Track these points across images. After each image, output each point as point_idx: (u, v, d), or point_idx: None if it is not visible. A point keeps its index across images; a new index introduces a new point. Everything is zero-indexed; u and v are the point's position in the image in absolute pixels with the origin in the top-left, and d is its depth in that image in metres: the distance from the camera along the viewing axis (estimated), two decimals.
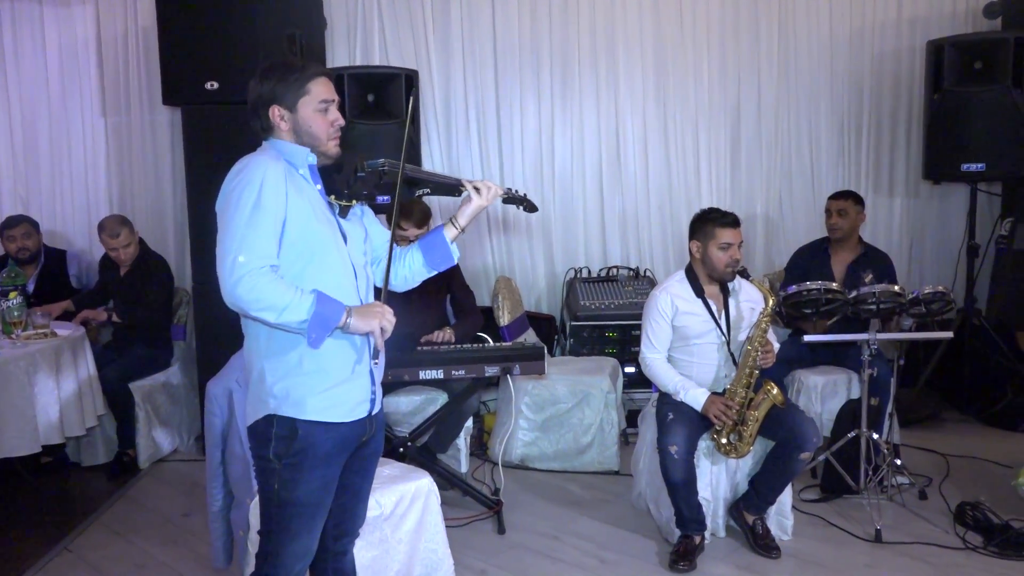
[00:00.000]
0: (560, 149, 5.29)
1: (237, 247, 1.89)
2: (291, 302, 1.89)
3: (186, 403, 4.69)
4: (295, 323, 1.91)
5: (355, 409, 2.10)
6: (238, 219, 1.92)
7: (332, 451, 2.07)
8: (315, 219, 2.03)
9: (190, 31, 4.26)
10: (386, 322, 1.99)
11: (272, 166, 1.98)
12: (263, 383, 2.04)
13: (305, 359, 2.01)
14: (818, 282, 3.75)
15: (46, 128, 5.19)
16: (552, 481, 4.16)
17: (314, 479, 2.06)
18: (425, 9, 5.11)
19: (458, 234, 2.31)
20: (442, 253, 2.30)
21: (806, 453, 3.20)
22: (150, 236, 5.16)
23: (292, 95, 2.05)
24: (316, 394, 2.03)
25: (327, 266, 2.04)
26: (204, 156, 4.32)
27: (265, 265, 1.90)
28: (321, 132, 2.08)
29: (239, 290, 1.88)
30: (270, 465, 2.05)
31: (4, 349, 3.51)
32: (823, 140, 5.29)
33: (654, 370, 3.39)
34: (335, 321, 1.94)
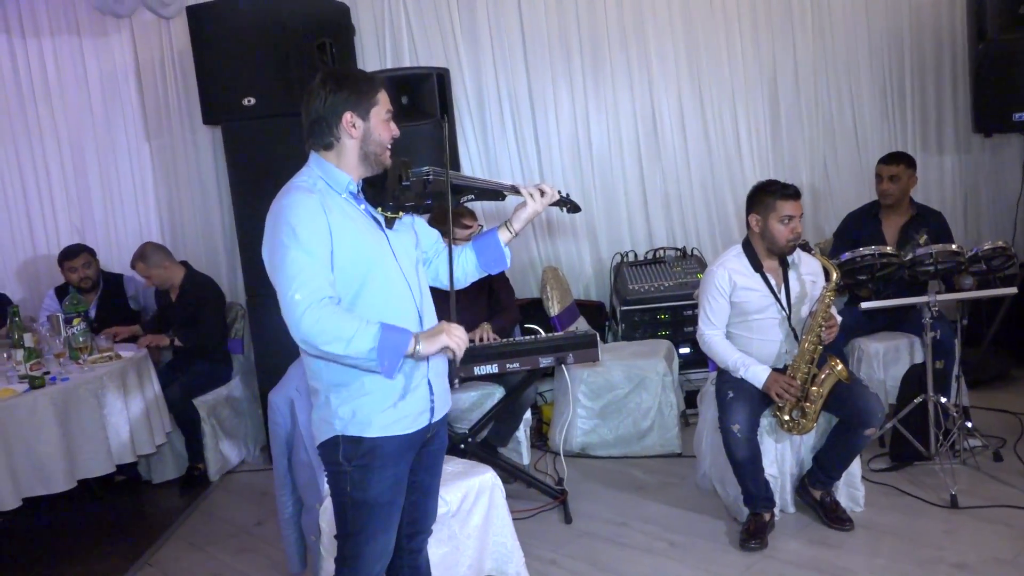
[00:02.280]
0: (596, 135, 5.25)
1: (291, 287, 1.90)
2: (357, 331, 1.89)
3: (249, 414, 4.78)
4: (364, 352, 1.89)
5: (416, 420, 2.13)
6: (283, 260, 1.93)
7: (399, 450, 2.11)
8: (362, 240, 2.04)
9: (223, 50, 4.33)
10: (456, 340, 1.96)
11: (305, 200, 1.98)
12: (328, 406, 2.08)
13: (366, 380, 2.04)
14: (872, 247, 3.66)
15: (94, 156, 5.31)
16: (614, 467, 4.14)
17: (385, 478, 2.09)
18: (451, 6, 5.10)
19: (512, 238, 2.32)
20: (496, 256, 2.32)
21: (871, 429, 3.13)
22: (201, 253, 5.27)
23: (365, 103, 2.06)
24: (380, 412, 2.06)
25: (381, 284, 2.05)
26: (247, 171, 4.39)
27: (323, 298, 1.91)
28: (386, 140, 2.10)
29: (304, 326, 1.88)
30: (340, 469, 2.09)
31: (73, 374, 3.60)
32: (865, 101, 5.15)
33: (712, 347, 3.34)
34: (404, 347, 1.93)
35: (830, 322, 3.16)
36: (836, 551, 3.10)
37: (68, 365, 3.74)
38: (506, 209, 5.10)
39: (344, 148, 2.08)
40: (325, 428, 2.10)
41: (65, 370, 3.65)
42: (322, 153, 2.10)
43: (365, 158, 2.09)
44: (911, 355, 4.03)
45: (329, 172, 2.08)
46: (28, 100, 5.25)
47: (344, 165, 2.09)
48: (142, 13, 4.99)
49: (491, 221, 5.20)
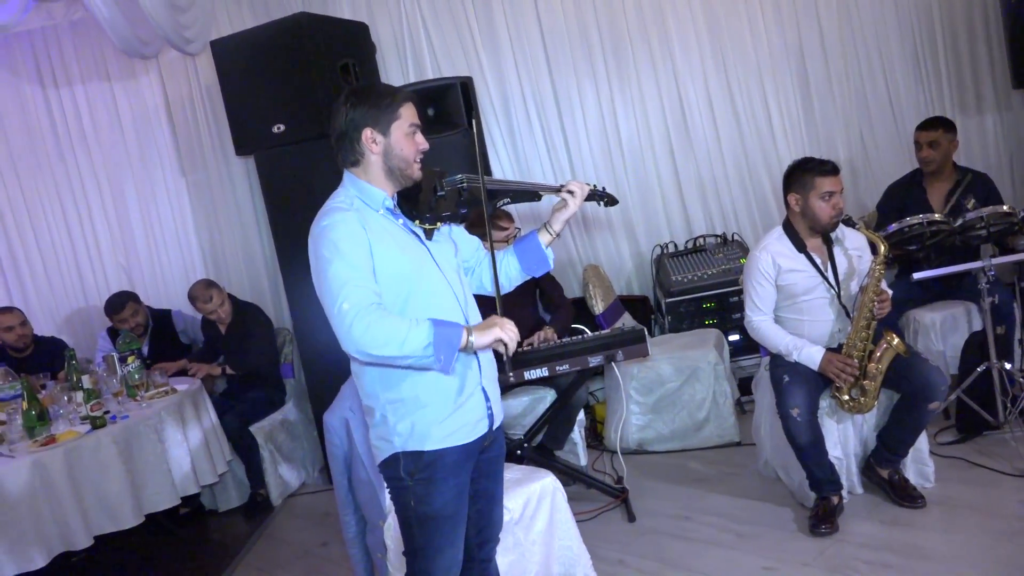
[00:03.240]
0: (625, 128, 5.20)
1: (337, 298, 1.90)
2: (409, 331, 1.88)
3: (305, 437, 4.83)
4: (420, 350, 1.88)
5: (475, 428, 2.13)
6: (326, 275, 1.93)
7: (459, 460, 2.10)
8: (404, 254, 2.04)
9: (249, 81, 4.39)
10: (508, 332, 1.96)
11: (343, 218, 1.99)
12: (386, 423, 2.09)
13: (421, 393, 2.05)
14: (920, 216, 3.57)
15: (134, 196, 5.43)
16: (673, 461, 4.10)
17: (448, 490, 2.08)
18: (469, 15, 5.11)
19: (552, 240, 2.32)
20: (538, 258, 2.32)
21: (935, 403, 3.05)
22: (244, 282, 5.35)
23: (385, 118, 2.06)
24: (438, 424, 2.06)
25: (426, 295, 2.05)
26: (283, 197, 4.44)
27: (369, 304, 1.90)
28: (410, 155, 2.08)
29: (355, 334, 1.88)
30: (403, 484, 2.09)
31: (132, 411, 3.67)
32: (897, 67, 5.01)
33: (762, 333, 3.28)
34: (458, 340, 1.92)
35: (882, 296, 3.08)
36: (910, 530, 3.02)
37: (127, 403, 3.82)
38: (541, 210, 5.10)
39: (369, 164, 2.08)
40: (385, 446, 2.10)
41: (124, 408, 3.72)
42: (352, 170, 2.11)
43: (390, 173, 2.09)
44: (969, 323, 3.92)
45: (363, 190, 2.09)
46: (66, 148, 5.40)
47: (374, 181, 2.09)
48: (167, 52, 5.09)
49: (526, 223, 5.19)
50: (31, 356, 4.71)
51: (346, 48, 4.51)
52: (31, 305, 5.40)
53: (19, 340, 4.68)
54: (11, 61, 5.33)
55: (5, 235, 5.45)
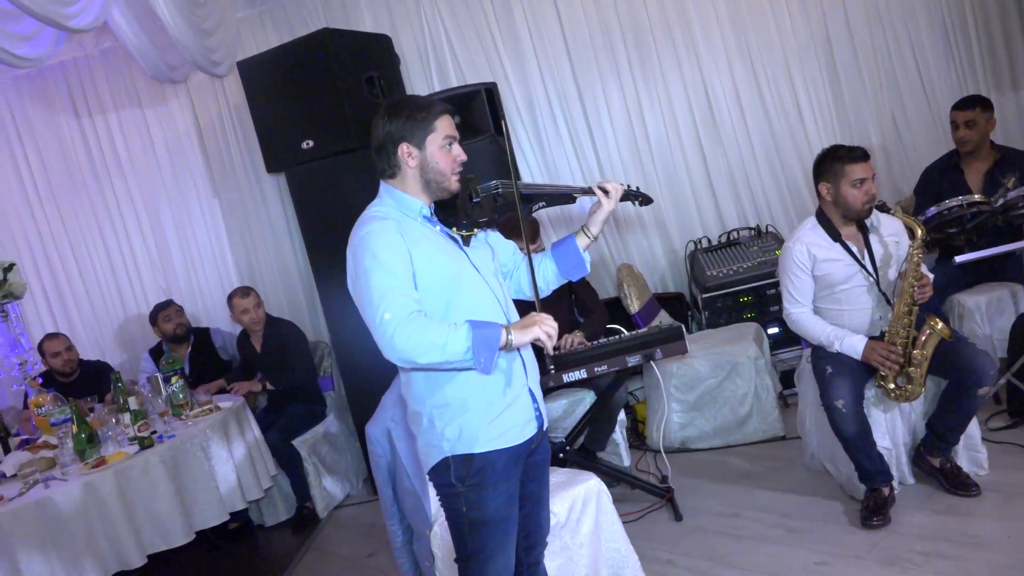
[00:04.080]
0: (652, 125, 5.18)
1: (379, 308, 1.92)
2: (448, 336, 1.91)
3: (348, 448, 4.87)
4: (460, 354, 1.92)
5: (524, 430, 2.14)
6: (367, 285, 1.95)
7: (509, 464, 2.12)
8: (443, 259, 2.06)
9: (276, 99, 4.45)
10: (547, 328, 1.98)
11: (382, 227, 2.01)
12: (433, 429, 2.10)
13: (467, 396, 2.07)
14: (958, 198, 3.51)
15: (169, 218, 5.53)
16: (717, 458, 4.06)
17: (499, 494, 2.10)
18: (490, 20, 5.13)
19: (590, 243, 2.34)
20: (575, 261, 2.33)
21: (984, 388, 2.98)
22: (281, 299, 5.42)
23: (421, 132, 2.08)
24: (486, 425, 2.08)
25: (467, 299, 2.08)
26: (315, 212, 4.49)
27: (410, 313, 1.92)
28: (446, 168, 2.11)
29: (397, 344, 1.91)
30: (454, 490, 2.10)
31: (178, 430, 3.73)
32: (927, 47, 4.92)
33: (802, 325, 3.24)
34: (497, 340, 1.95)
35: (922, 281, 3.03)
36: (965, 519, 2.96)
37: (172, 422, 3.88)
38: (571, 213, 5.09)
39: (405, 176, 2.12)
40: (433, 452, 2.12)
41: (170, 427, 3.79)
42: (389, 182, 2.14)
43: (427, 186, 2.12)
44: (1015, 304, 3.83)
45: (400, 199, 2.12)
46: (103, 175, 5.52)
47: (410, 192, 2.12)
48: (195, 75, 5.18)
49: (559, 226, 5.19)
50: (78, 380, 4.82)
51: (370, 61, 4.55)
52: (76, 330, 5.53)
53: (66, 365, 4.79)
54: (45, 93, 5.46)
55: (48, 263, 5.58)
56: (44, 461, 3.50)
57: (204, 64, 4.43)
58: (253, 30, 5.31)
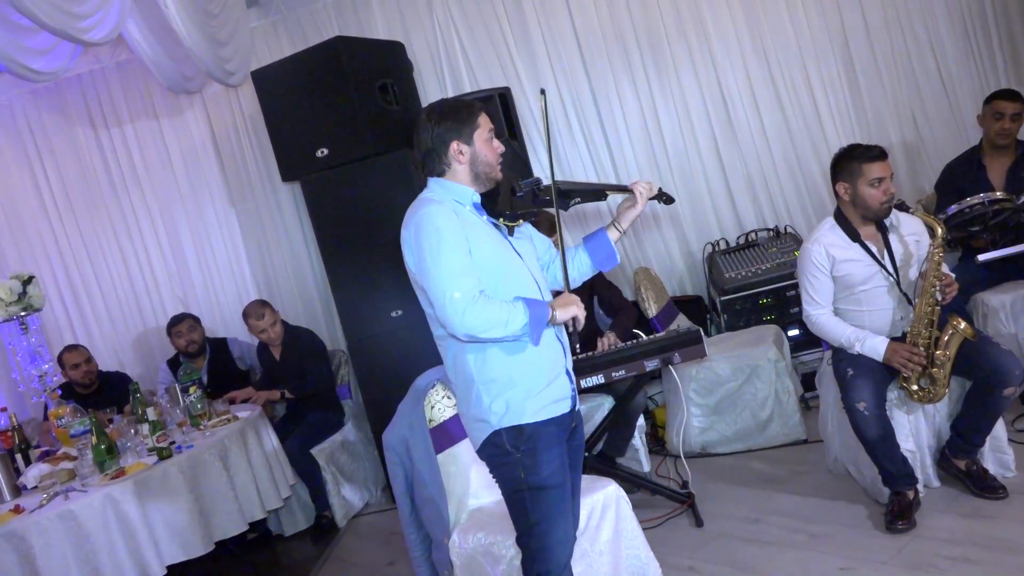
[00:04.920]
0: (667, 126, 5.17)
1: (448, 287, 2.12)
2: (510, 314, 2.14)
3: (366, 457, 4.88)
4: (519, 329, 2.15)
5: (560, 405, 2.31)
6: (435, 264, 2.14)
7: (556, 432, 2.29)
8: (493, 245, 2.25)
9: (290, 107, 4.48)
10: (580, 308, 2.23)
11: (439, 209, 2.20)
12: (481, 404, 2.27)
13: (513, 374, 2.24)
14: (980, 195, 3.47)
15: (186, 229, 5.59)
16: (739, 463, 4.04)
17: (553, 458, 2.25)
18: (503, 25, 5.14)
19: (620, 236, 2.54)
20: (607, 253, 2.53)
21: (1010, 388, 2.94)
22: (297, 306, 5.46)
23: (468, 129, 2.28)
24: (532, 398, 2.25)
25: (513, 284, 2.25)
26: (330, 220, 4.52)
27: (477, 293, 2.13)
28: (493, 159, 2.32)
29: (468, 322, 2.11)
30: (510, 458, 2.25)
31: (197, 441, 3.76)
32: (947, 43, 4.87)
33: (822, 326, 3.22)
34: (546, 316, 2.20)
35: (945, 280, 3.00)
36: (992, 522, 2.93)
37: (191, 432, 3.91)
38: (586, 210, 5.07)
39: (456, 172, 2.31)
40: (482, 427, 2.28)
41: (188, 438, 3.82)
42: (438, 179, 2.33)
43: (476, 178, 2.31)
44: None
45: (452, 188, 2.30)
46: (120, 186, 5.58)
47: (461, 183, 2.31)
48: (210, 86, 5.23)
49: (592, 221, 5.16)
50: (97, 391, 4.87)
51: (383, 68, 4.58)
52: (94, 341, 5.59)
53: (85, 376, 4.84)
54: (62, 105, 5.54)
55: (67, 274, 5.65)
56: (64, 473, 3.54)
57: (218, 74, 4.47)
58: (267, 39, 5.36)
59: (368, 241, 4.41)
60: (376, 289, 4.44)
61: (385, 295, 4.42)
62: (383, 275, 4.41)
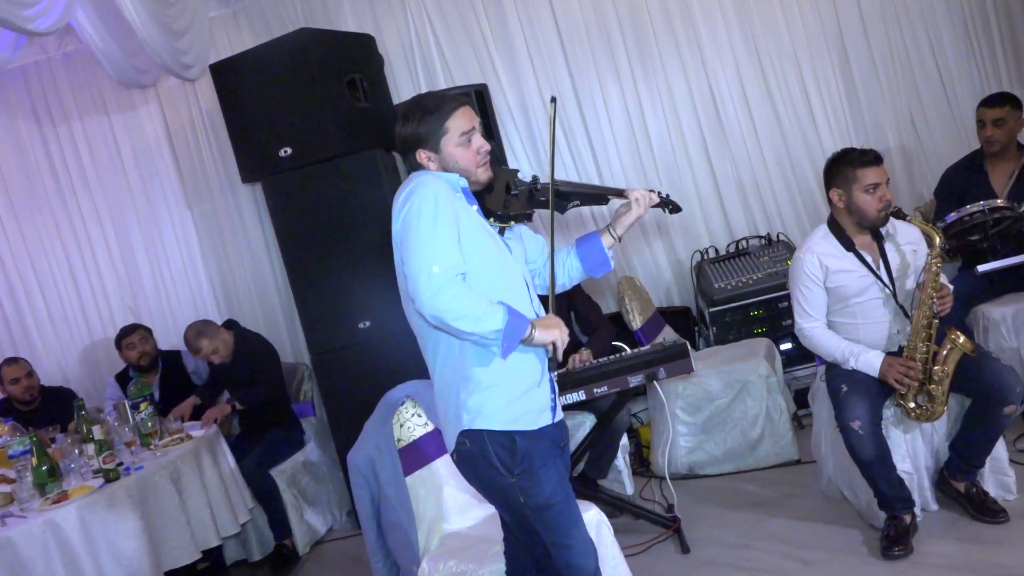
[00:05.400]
0: (654, 127, 5.20)
1: (429, 259, 2.06)
2: (486, 312, 2.08)
3: (330, 479, 4.85)
4: (490, 332, 2.08)
5: (539, 417, 2.27)
6: (422, 233, 2.09)
7: (547, 447, 2.26)
8: (483, 237, 2.22)
9: (252, 103, 4.47)
10: (561, 335, 2.17)
11: (435, 182, 2.17)
12: (457, 399, 2.23)
13: (492, 374, 2.20)
14: (980, 202, 3.53)
15: (138, 233, 5.54)
16: (728, 485, 4.06)
17: (551, 474, 2.22)
18: (480, 19, 5.16)
19: (614, 243, 2.51)
20: (600, 260, 2.51)
21: (1011, 406, 2.99)
22: (258, 316, 5.42)
23: (434, 136, 2.22)
24: (505, 406, 2.21)
25: (500, 279, 2.23)
26: (293, 224, 4.50)
27: (458, 273, 2.08)
28: (469, 163, 2.25)
29: (439, 301, 2.05)
30: (504, 482, 2.21)
31: (147, 462, 3.72)
32: (947, 43, 4.96)
33: (814, 340, 3.26)
34: (522, 333, 2.13)
35: (942, 292, 3.04)
36: (993, 547, 2.96)
37: (140, 453, 3.88)
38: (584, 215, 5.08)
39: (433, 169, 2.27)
40: (452, 423, 2.25)
41: (138, 459, 3.78)
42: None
43: None
44: None
45: (438, 174, 2.24)
46: (66, 186, 5.53)
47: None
48: (166, 80, 5.20)
49: None
50: (39, 408, 4.82)
51: (352, 62, 4.58)
52: (37, 354, 5.51)
53: (26, 392, 4.78)
54: (5, 99, 5.48)
55: (7, 281, 5.58)
56: (1, 497, 3.49)
57: (174, 67, 4.45)
58: (227, 30, 5.34)
59: (334, 247, 4.40)
60: (342, 299, 4.43)
61: (352, 305, 4.41)
62: (350, 284, 4.40)
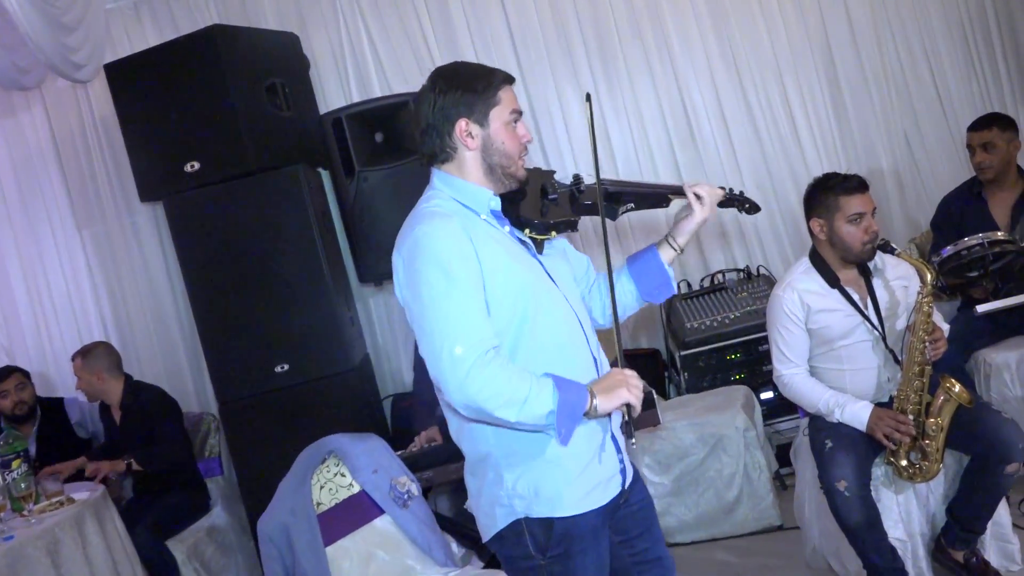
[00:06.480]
0: (620, 143, 5.28)
1: (449, 339, 1.91)
2: (531, 391, 1.91)
3: (239, 548, 4.79)
4: (541, 415, 1.92)
5: (608, 488, 2.13)
6: (433, 307, 1.95)
7: (597, 526, 2.11)
8: (517, 269, 2.07)
9: (154, 110, 4.46)
10: (634, 390, 1.98)
11: (445, 226, 2.00)
12: (501, 484, 2.07)
13: (545, 443, 2.04)
14: (978, 235, 3.63)
15: (15, 258, 5.46)
16: (700, 555, 4.09)
17: (589, 564, 2.08)
18: (421, 18, 5.22)
19: (676, 256, 2.36)
20: (660, 280, 2.35)
21: (1013, 465, 3.05)
22: (157, 358, 5.36)
23: (482, 105, 2.08)
24: (569, 483, 2.06)
25: (547, 322, 2.08)
26: (200, 250, 4.48)
27: (487, 350, 1.92)
28: (513, 149, 2.12)
29: (470, 389, 1.90)
30: (532, 563, 2.08)
31: (18, 530, 3.63)
32: (944, 57, 5.13)
33: (795, 389, 3.31)
34: (582, 407, 1.96)
35: (934, 335, 3.11)
36: None
37: (11, 520, 3.78)
38: None
39: (464, 161, 2.12)
40: (502, 513, 2.08)
41: (7, 526, 3.68)
42: (444, 167, 2.14)
43: (490, 171, 2.12)
44: None
45: (462, 189, 2.12)
46: None
47: (473, 179, 2.12)
48: (53, 81, 5.15)
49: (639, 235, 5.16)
50: None
51: (272, 64, 4.61)
52: None
53: None
54: None
55: None
56: None
57: (63, 67, 4.42)
58: (126, 25, 5.33)
59: (248, 278, 4.38)
60: (256, 338, 4.40)
61: (267, 346, 4.38)
62: (266, 320, 4.38)
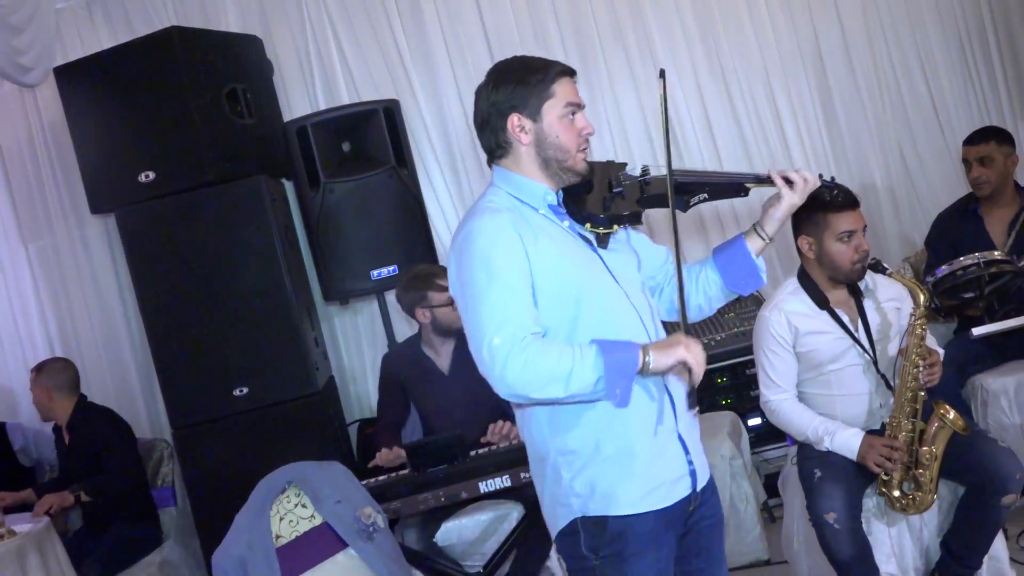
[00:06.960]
0: (600, 153, 5.28)
1: (487, 331, 2.00)
2: (574, 363, 1.96)
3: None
4: (589, 385, 1.97)
5: (674, 488, 2.15)
6: (477, 300, 2.04)
7: (657, 529, 2.13)
8: (571, 263, 2.13)
9: (106, 117, 4.47)
10: (694, 352, 2.01)
11: (492, 221, 2.09)
12: (560, 483, 2.14)
13: (600, 440, 2.09)
14: (974, 254, 3.67)
15: None
16: None
17: (644, 568, 2.10)
18: (392, 21, 5.23)
19: (765, 246, 2.38)
20: (747, 270, 2.36)
21: (1010, 496, 3.08)
22: (107, 380, 5.33)
23: (535, 99, 2.15)
24: (625, 481, 2.10)
25: (602, 316, 2.12)
26: (154, 266, 4.48)
27: (524, 336, 1.99)
28: (569, 143, 2.17)
29: (509, 376, 1.97)
30: (586, 564, 2.12)
31: None
32: (940, 67, 5.19)
33: (783, 416, 3.33)
34: (633, 364, 1.99)
35: (930, 359, 3.14)
36: None
37: None
38: None
39: (519, 156, 2.20)
40: (562, 513, 2.15)
41: None
42: (502, 163, 2.23)
43: (546, 165, 2.19)
44: None
45: (519, 185, 2.20)
46: None
47: (529, 175, 2.20)
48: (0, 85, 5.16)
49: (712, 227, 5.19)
50: None
51: (233, 69, 4.62)
52: None
53: None
54: None
55: None
56: None
57: (9, 69, 4.41)
58: (78, 26, 5.32)
59: (205, 295, 4.39)
60: (213, 359, 4.40)
61: (225, 367, 4.37)
62: (224, 341, 4.38)
